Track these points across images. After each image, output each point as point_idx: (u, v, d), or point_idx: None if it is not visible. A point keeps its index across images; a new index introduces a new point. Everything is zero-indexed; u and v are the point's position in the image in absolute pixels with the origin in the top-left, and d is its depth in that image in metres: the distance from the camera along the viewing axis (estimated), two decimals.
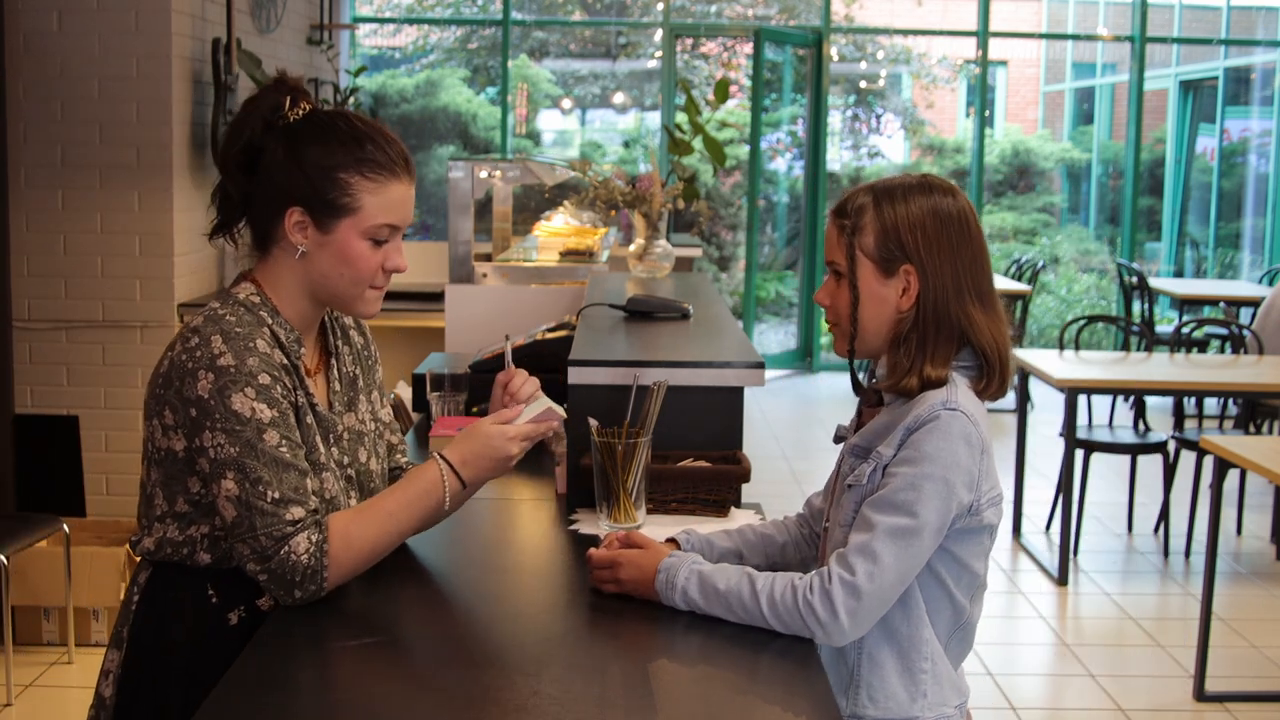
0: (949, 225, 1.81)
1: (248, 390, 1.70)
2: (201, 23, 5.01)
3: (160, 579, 1.81)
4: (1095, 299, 10.73)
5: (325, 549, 1.70)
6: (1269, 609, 4.91)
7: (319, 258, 1.80)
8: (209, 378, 1.70)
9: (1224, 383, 5.25)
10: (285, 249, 1.81)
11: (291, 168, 1.77)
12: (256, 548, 1.68)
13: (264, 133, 1.80)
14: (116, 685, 1.82)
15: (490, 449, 1.83)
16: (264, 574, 1.70)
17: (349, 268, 1.80)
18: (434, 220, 10.10)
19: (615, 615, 1.78)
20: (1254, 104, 10.88)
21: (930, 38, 11.41)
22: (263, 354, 1.74)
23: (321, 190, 1.77)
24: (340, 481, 1.84)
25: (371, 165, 1.78)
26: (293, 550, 1.68)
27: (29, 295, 4.71)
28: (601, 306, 3.12)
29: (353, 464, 1.89)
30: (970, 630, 1.87)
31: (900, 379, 1.82)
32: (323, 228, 1.78)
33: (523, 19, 10.55)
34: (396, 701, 1.51)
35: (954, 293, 1.80)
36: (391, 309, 5.29)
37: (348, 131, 1.79)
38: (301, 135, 1.79)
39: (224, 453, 1.69)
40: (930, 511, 1.72)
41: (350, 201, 1.77)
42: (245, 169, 1.81)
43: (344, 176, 1.77)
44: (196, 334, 1.74)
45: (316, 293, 1.83)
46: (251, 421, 1.70)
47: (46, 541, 4.14)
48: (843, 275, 1.85)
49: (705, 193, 10.34)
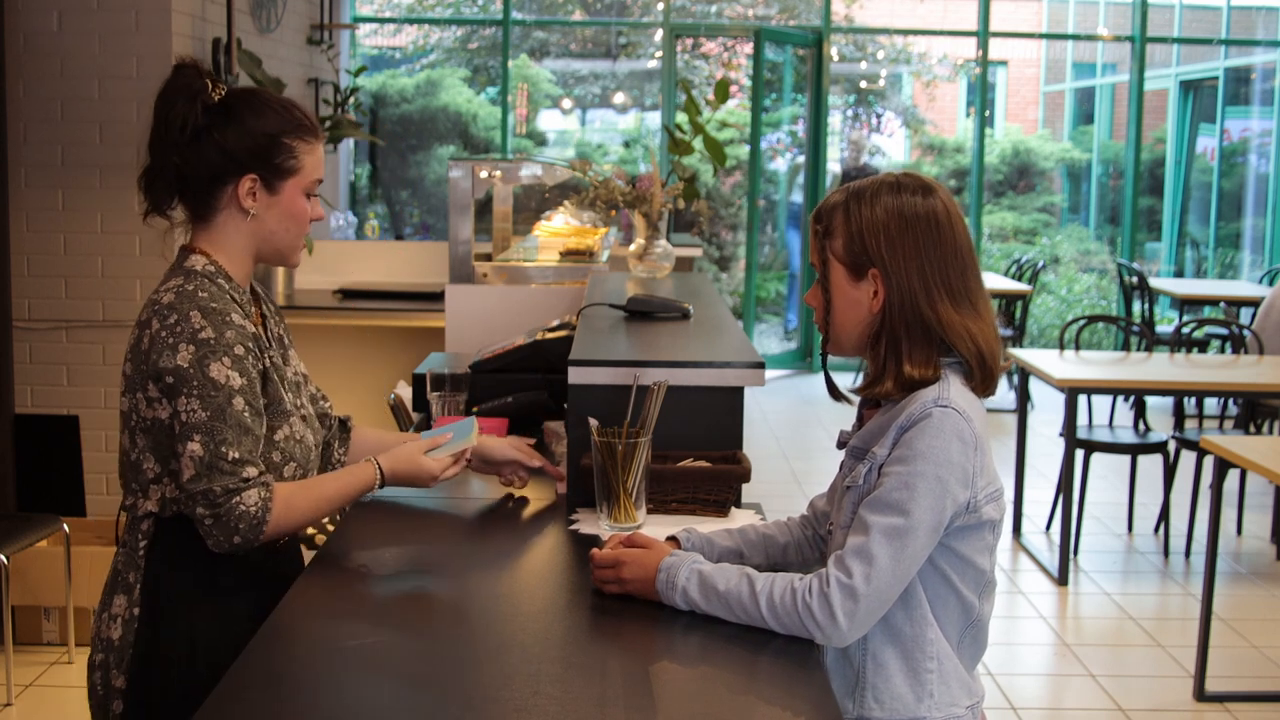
0: (915, 226, 1.79)
1: (225, 359, 1.87)
2: (201, 23, 5.01)
3: (166, 531, 1.93)
4: (1095, 299, 10.73)
5: (270, 506, 1.87)
6: (1269, 609, 4.91)
7: (268, 217, 2.00)
8: (189, 349, 1.86)
9: (1224, 383, 5.25)
10: (232, 215, 1.99)
11: (243, 138, 1.95)
12: (210, 497, 1.84)
13: (202, 112, 1.95)
14: (128, 627, 1.92)
15: (417, 480, 2.12)
16: (210, 518, 1.84)
17: (294, 222, 2.02)
18: (434, 220, 10.10)
19: (615, 615, 1.78)
20: (1254, 104, 10.88)
21: (930, 37, 11.41)
22: (238, 326, 1.91)
23: (271, 155, 1.97)
24: (302, 422, 2.05)
25: (304, 129, 2.00)
26: (243, 501, 1.85)
27: (29, 295, 4.71)
28: (601, 306, 3.12)
29: (302, 406, 2.09)
30: (982, 629, 1.87)
31: (874, 383, 1.83)
32: (272, 189, 1.98)
33: (523, 19, 10.54)
34: (396, 701, 1.51)
35: (923, 293, 1.79)
36: (391, 309, 5.30)
37: (277, 101, 2.01)
38: (238, 110, 1.97)
39: (195, 417, 1.84)
40: (924, 510, 1.71)
41: (295, 163, 1.99)
42: (180, 149, 1.96)
43: (287, 141, 1.98)
44: (174, 310, 1.88)
45: (261, 251, 2.03)
46: (224, 388, 1.86)
47: (46, 541, 4.14)
48: (822, 278, 1.87)
49: (705, 193, 10.34)
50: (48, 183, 4.71)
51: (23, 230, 4.67)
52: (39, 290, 4.73)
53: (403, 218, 10.22)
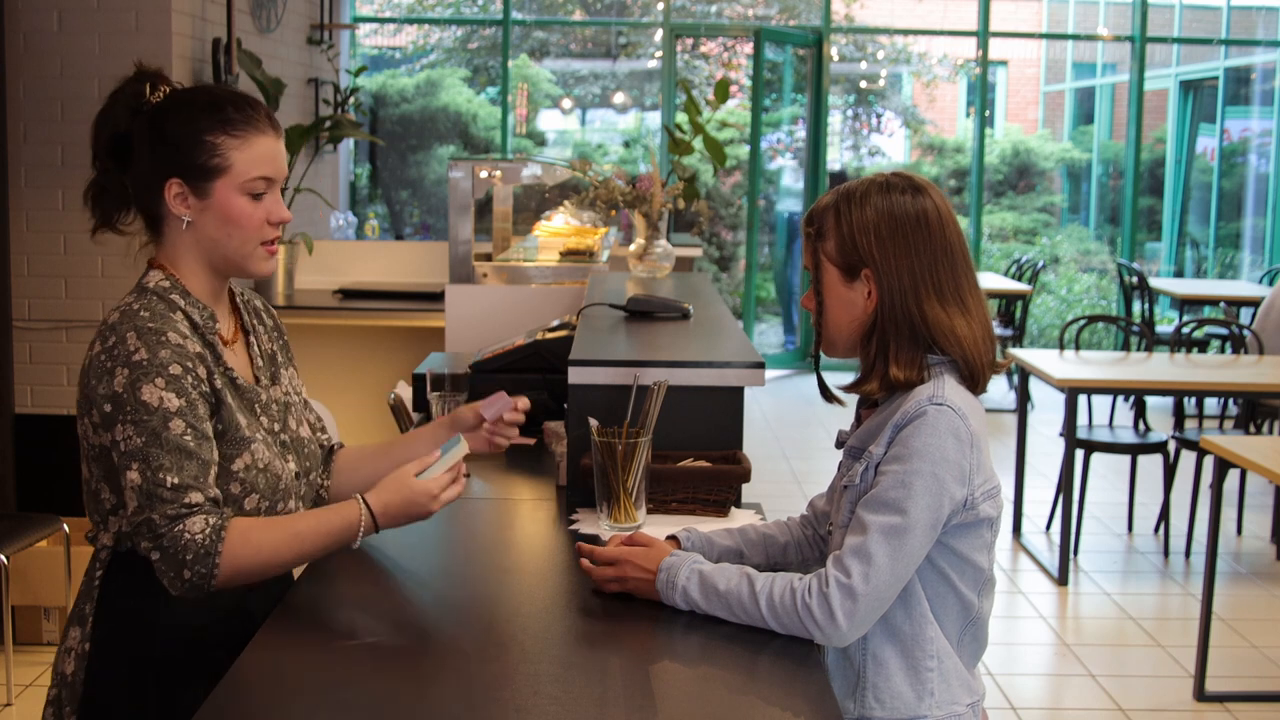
0: (904, 225, 1.80)
1: (158, 380, 1.73)
2: (201, 23, 5.01)
3: (123, 563, 1.82)
4: (1095, 299, 10.73)
5: (221, 535, 1.70)
6: (1269, 609, 4.91)
7: (204, 223, 1.84)
8: (124, 373, 1.73)
9: (1224, 383, 5.25)
10: (173, 224, 1.85)
11: (160, 142, 1.83)
12: (151, 527, 1.69)
13: (129, 119, 1.86)
14: (80, 662, 1.81)
15: (415, 507, 1.84)
16: (156, 551, 1.69)
17: (235, 227, 1.84)
18: (434, 220, 10.10)
19: (615, 615, 1.78)
20: (1254, 104, 10.88)
21: (930, 37, 11.41)
22: (175, 345, 1.76)
23: (191, 156, 1.81)
24: (275, 447, 1.89)
25: (234, 123, 1.83)
26: (187, 529, 1.69)
27: (29, 295, 4.71)
28: (602, 306, 3.12)
29: (284, 430, 1.94)
30: (982, 626, 1.87)
31: (860, 382, 1.84)
32: (200, 193, 1.82)
33: (523, 19, 10.55)
34: (397, 701, 1.51)
35: (912, 294, 1.80)
36: (391, 309, 5.30)
37: (207, 99, 1.85)
38: (164, 112, 1.84)
39: (131, 444, 1.71)
40: (920, 508, 1.72)
41: (220, 161, 1.82)
42: (117, 158, 1.86)
43: (209, 139, 1.81)
44: (114, 332, 1.76)
45: (212, 260, 1.87)
46: (159, 411, 1.72)
47: (46, 541, 4.14)
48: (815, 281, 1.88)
49: (705, 193, 10.34)
50: (48, 183, 4.71)
51: (23, 230, 4.67)
52: (39, 290, 4.73)
53: (403, 218, 10.23)
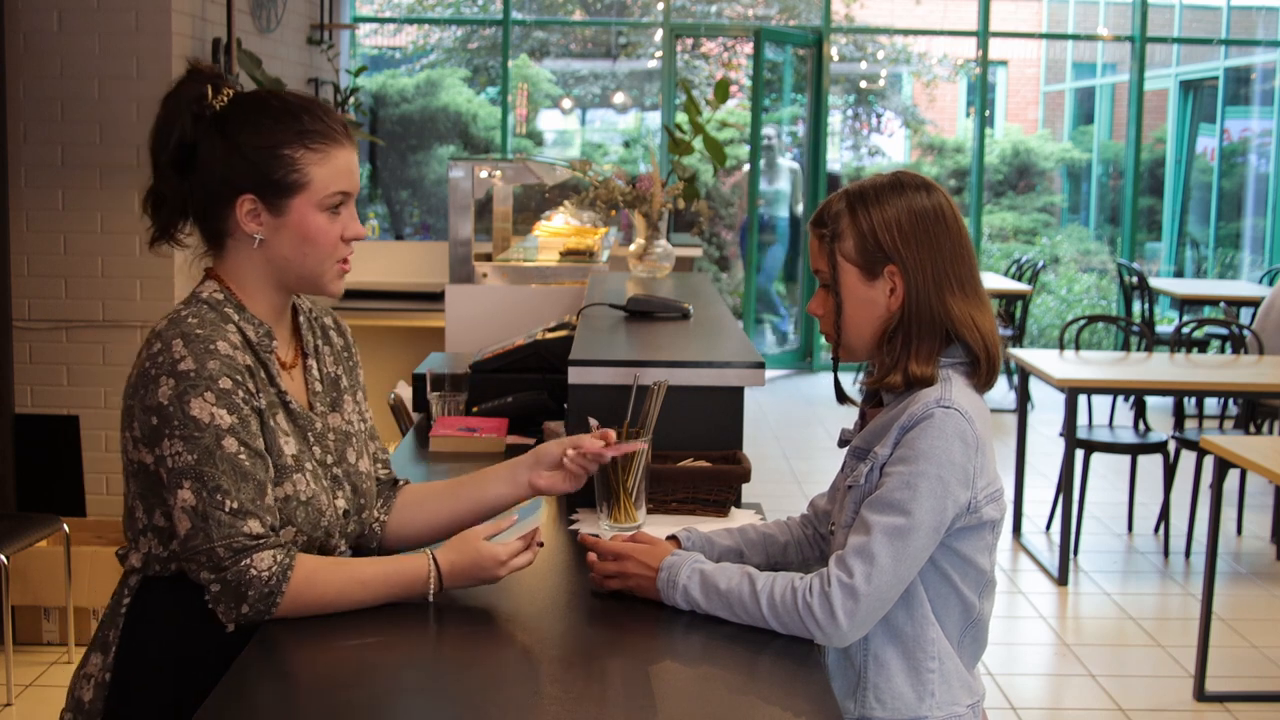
0: (925, 220, 1.82)
1: (207, 395, 1.64)
2: (201, 23, 5.01)
3: (151, 589, 1.74)
4: (1095, 299, 10.73)
5: (288, 575, 1.64)
6: (1269, 609, 4.91)
7: (278, 241, 1.73)
8: (169, 383, 1.64)
9: (1224, 383, 5.25)
10: (240, 240, 1.74)
11: (232, 155, 1.71)
12: (213, 558, 1.61)
13: (194, 126, 1.73)
14: (99, 691, 1.74)
15: (481, 570, 1.75)
16: (217, 583, 1.62)
17: (311, 245, 1.74)
18: (434, 220, 10.10)
19: (615, 615, 1.78)
20: (1254, 104, 10.88)
21: (930, 37, 11.41)
22: (224, 356, 1.67)
23: (268, 171, 1.71)
24: (323, 480, 1.78)
25: (312, 136, 1.72)
26: (254, 564, 1.62)
27: (29, 295, 4.71)
28: (602, 306, 3.12)
29: (339, 463, 1.82)
30: (982, 628, 1.87)
31: (885, 375, 1.83)
32: (276, 210, 1.72)
33: (523, 19, 10.54)
34: (397, 701, 1.51)
35: (934, 287, 1.81)
36: (391, 309, 5.30)
37: (280, 108, 1.74)
38: (234, 120, 1.72)
39: (181, 460, 1.62)
40: (925, 510, 1.72)
41: (299, 177, 1.71)
42: (181, 169, 1.74)
43: (288, 153, 1.71)
44: (159, 339, 1.67)
45: (283, 278, 1.77)
46: (210, 427, 1.63)
47: (46, 541, 4.14)
48: (830, 284, 1.86)
49: (705, 193, 10.34)
50: (48, 183, 4.71)
51: (23, 230, 4.67)
52: (39, 290, 4.73)
53: (403, 218, 10.22)
